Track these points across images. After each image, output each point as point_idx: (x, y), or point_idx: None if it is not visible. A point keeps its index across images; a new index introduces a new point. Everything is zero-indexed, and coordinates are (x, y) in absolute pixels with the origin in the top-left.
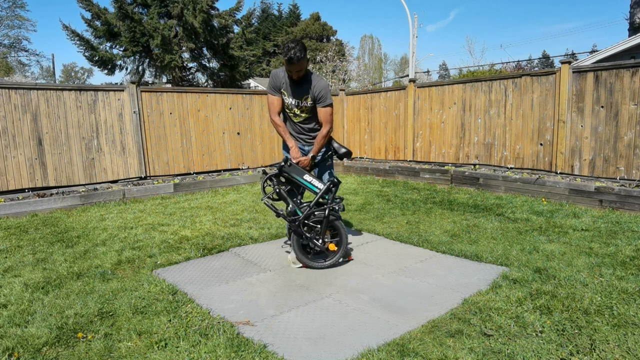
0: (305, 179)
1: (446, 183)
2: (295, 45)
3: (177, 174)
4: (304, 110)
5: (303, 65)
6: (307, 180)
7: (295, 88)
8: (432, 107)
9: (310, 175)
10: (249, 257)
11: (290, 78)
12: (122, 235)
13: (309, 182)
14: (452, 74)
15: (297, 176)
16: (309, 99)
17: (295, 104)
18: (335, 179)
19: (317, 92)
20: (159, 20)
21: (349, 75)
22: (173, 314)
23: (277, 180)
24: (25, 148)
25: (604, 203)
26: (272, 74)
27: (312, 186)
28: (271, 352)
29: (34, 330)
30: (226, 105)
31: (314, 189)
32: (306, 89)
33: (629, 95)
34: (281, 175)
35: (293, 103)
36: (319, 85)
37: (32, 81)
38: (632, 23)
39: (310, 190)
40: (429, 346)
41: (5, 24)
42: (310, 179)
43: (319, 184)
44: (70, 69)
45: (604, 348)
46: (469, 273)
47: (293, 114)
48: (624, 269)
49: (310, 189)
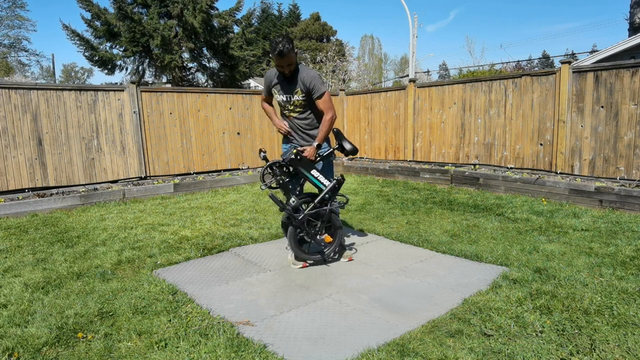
0: (312, 174)
1: (446, 183)
2: (282, 39)
3: (177, 174)
4: (296, 105)
5: (292, 57)
6: (314, 176)
7: (285, 84)
8: (432, 107)
9: (317, 171)
10: (249, 257)
11: (281, 75)
12: (122, 235)
13: (316, 178)
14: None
15: (305, 170)
16: (299, 92)
17: (286, 99)
18: (341, 177)
19: (309, 83)
20: (159, 20)
21: (349, 75)
22: (173, 314)
23: (280, 170)
24: (25, 148)
25: (604, 203)
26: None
27: (319, 182)
28: (271, 352)
29: (34, 330)
30: (226, 105)
31: (320, 185)
32: (295, 82)
33: (629, 95)
34: (286, 166)
35: (284, 99)
36: (308, 75)
37: (32, 81)
38: (632, 23)
39: (316, 185)
40: (429, 346)
41: (5, 24)
42: (317, 174)
43: (325, 181)
44: (70, 69)
45: (604, 348)
46: (469, 273)
47: (287, 110)
48: (624, 269)
49: (315, 185)
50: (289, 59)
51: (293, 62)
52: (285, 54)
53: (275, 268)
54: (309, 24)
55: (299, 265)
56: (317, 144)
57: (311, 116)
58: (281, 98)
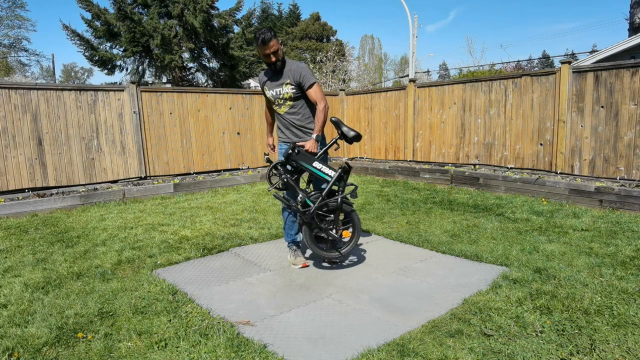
0: (314, 167)
1: (446, 183)
2: (263, 29)
3: (177, 174)
4: (286, 98)
5: (276, 45)
6: (317, 168)
7: (274, 77)
8: (432, 107)
9: (319, 163)
10: (249, 257)
11: (268, 71)
12: (122, 235)
13: (319, 170)
14: (452, 74)
15: (306, 164)
16: (288, 85)
17: (276, 94)
18: (347, 166)
19: (298, 75)
20: (159, 20)
21: (349, 75)
22: (173, 314)
23: (283, 168)
24: (25, 148)
25: (604, 203)
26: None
27: (322, 174)
28: (271, 352)
29: (34, 330)
30: (226, 105)
31: (325, 177)
32: (283, 74)
33: (629, 95)
34: (288, 163)
35: (274, 94)
36: (298, 67)
37: (32, 81)
38: (632, 23)
39: (321, 178)
40: (429, 346)
41: (5, 24)
42: (320, 166)
43: (329, 171)
44: (70, 69)
45: (604, 348)
46: (469, 273)
47: (277, 105)
48: (624, 269)
49: (320, 177)
50: (273, 45)
51: (277, 49)
52: (267, 40)
53: (275, 268)
54: (309, 24)
55: (298, 265)
56: (315, 135)
57: (302, 111)
58: (271, 94)
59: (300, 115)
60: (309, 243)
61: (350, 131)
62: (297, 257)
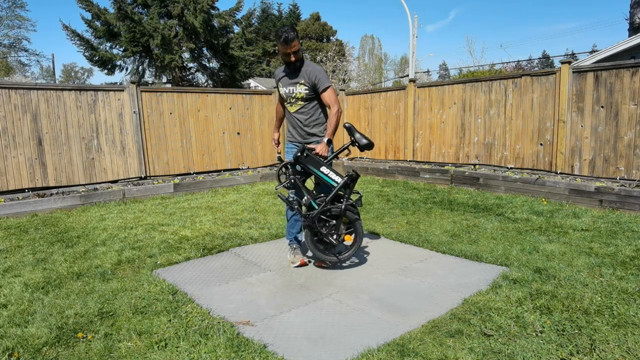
0: (322, 171)
1: (446, 183)
2: (286, 27)
3: (177, 174)
4: (298, 98)
5: (297, 45)
6: (324, 173)
7: (290, 75)
8: (432, 107)
9: (327, 168)
10: (249, 257)
11: (286, 68)
12: (122, 235)
13: (326, 175)
14: (452, 74)
15: (314, 168)
16: (303, 84)
17: (289, 92)
18: (354, 173)
19: (314, 77)
20: (159, 20)
21: (349, 75)
22: (173, 314)
23: (293, 169)
24: (25, 148)
25: (604, 203)
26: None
27: (329, 179)
28: (271, 352)
29: (34, 330)
30: (226, 105)
31: (331, 182)
32: (299, 74)
33: (629, 95)
34: (297, 165)
35: (287, 92)
36: (314, 69)
37: (32, 81)
38: (632, 23)
39: (327, 183)
40: (429, 346)
41: (5, 24)
42: (328, 171)
43: (336, 177)
44: (70, 69)
45: (604, 348)
46: (469, 273)
47: (289, 103)
48: (624, 269)
49: (326, 182)
50: (294, 45)
51: (298, 49)
52: (290, 40)
53: (275, 268)
54: (309, 24)
55: (296, 262)
56: (327, 139)
57: (311, 112)
58: (284, 91)
59: (308, 116)
60: (309, 244)
61: (363, 139)
62: (296, 254)
